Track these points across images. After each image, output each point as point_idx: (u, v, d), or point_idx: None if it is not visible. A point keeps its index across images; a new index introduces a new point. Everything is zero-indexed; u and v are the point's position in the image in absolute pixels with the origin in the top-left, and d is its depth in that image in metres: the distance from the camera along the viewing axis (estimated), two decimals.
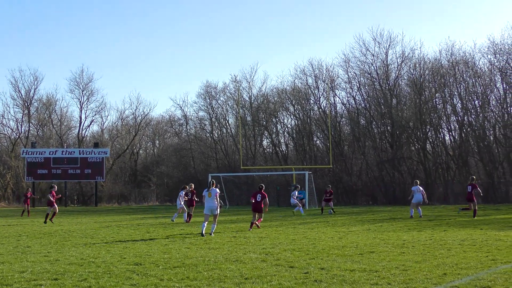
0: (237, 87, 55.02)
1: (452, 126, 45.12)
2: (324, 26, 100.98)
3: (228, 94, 57.52)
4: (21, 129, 61.75)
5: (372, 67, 47.83)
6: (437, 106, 45.13)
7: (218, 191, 15.37)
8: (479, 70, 43.16)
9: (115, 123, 68.49)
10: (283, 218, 23.73)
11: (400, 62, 47.01)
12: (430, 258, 9.57)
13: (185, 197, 21.87)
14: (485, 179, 39.64)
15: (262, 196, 16.99)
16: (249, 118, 55.70)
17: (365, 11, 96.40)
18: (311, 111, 52.02)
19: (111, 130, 67.58)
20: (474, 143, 42.92)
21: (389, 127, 46.69)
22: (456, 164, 43.34)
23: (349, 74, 49.22)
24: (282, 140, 55.61)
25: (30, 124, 61.96)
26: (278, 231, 16.23)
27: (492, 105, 43.00)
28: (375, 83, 47.62)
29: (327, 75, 50.97)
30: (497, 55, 41.98)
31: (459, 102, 43.72)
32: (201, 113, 59.89)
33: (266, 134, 56.00)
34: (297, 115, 52.91)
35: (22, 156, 52.05)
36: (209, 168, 54.82)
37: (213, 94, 58.08)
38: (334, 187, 41.31)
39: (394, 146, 45.46)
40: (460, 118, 43.70)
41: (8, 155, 57.82)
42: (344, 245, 11.88)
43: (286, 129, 55.09)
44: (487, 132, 42.75)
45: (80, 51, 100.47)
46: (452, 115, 44.54)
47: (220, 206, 15.58)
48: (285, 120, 55.11)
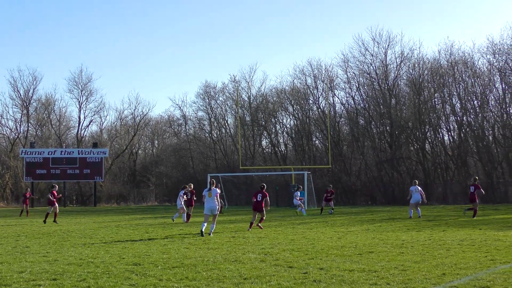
0: (236, 87, 55.06)
1: (451, 126, 45.20)
2: (324, 26, 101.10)
3: (227, 94, 57.61)
4: (20, 129, 61.80)
5: (371, 67, 47.90)
6: (436, 106, 45.14)
7: (218, 191, 15.33)
8: (478, 70, 43.20)
9: (114, 123, 68.61)
10: (282, 218, 23.73)
11: (399, 62, 47.06)
12: (429, 258, 9.57)
13: (185, 197, 21.83)
14: (484, 179, 39.64)
15: (262, 196, 16.96)
16: (248, 118, 55.68)
17: (365, 11, 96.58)
18: (310, 111, 52.03)
19: (110, 130, 67.61)
20: (473, 143, 42.93)
21: (388, 127, 46.70)
22: (455, 164, 43.37)
23: (348, 74, 49.33)
24: (281, 140, 55.64)
25: (29, 124, 61.96)
26: (277, 231, 16.23)
27: (491, 105, 43.04)
28: (374, 83, 47.64)
29: (326, 75, 51.05)
30: (496, 55, 42.07)
31: (458, 102, 43.76)
32: (200, 113, 60.01)
33: (265, 134, 56.02)
34: (296, 115, 52.92)
35: (21, 156, 51.98)
36: (208, 168, 54.81)
37: (212, 94, 58.16)
38: (333, 187, 41.29)
39: (393, 146, 45.47)
40: (459, 118, 43.71)
41: (7, 155, 57.78)
42: (343, 245, 11.88)
43: (285, 129, 55.14)
44: (486, 132, 42.77)
45: (79, 51, 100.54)
46: (451, 115, 44.58)
47: (222, 207, 15.58)
48: (284, 120, 55.20)
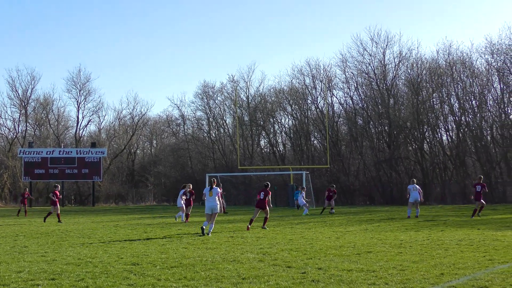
0: (235, 87, 55.03)
1: (449, 126, 45.23)
2: (322, 26, 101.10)
3: (226, 94, 57.61)
4: (18, 129, 61.78)
5: (370, 67, 47.91)
6: (435, 106, 45.18)
7: (219, 190, 15.51)
8: (476, 70, 43.24)
9: (112, 123, 68.56)
10: (280, 218, 23.73)
11: (397, 62, 47.11)
12: (428, 258, 9.57)
13: (184, 197, 21.80)
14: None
15: (265, 194, 17.14)
16: (246, 118, 55.68)
17: (364, 11, 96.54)
18: (309, 111, 52.06)
19: (108, 130, 67.56)
20: (472, 143, 42.97)
21: (386, 127, 46.73)
22: (454, 164, 43.40)
23: (347, 74, 49.34)
24: (279, 140, 55.69)
25: (27, 124, 61.92)
26: (276, 231, 16.23)
27: (489, 105, 43.09)
28: (373, 83, 47.66)
29: (324, 75, 51.07)
30: (495, 55, 42.10)
31: (457, 102, 43.81)
32: (198, 113, 60.00)
33: (263, 134, 56.03)
34: (294, 115, 52.93)
35: (19, 156, 51.92)
36: (207, 168, 54.80)
37: (211, 94, 58.16)
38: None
39: (391, 146, 45.50)
40: (457, 118, 43.75)
41: (5, 155, 57.71)
42: (341, 245, 11.88)
43: (284, 129, 55.17)
44: (485, 132, 42.81)
45: (77, 51, 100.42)
46: (449, 115, 44.61)
47: (224, 207, 15.65)
48: (283, 120, 55.22)
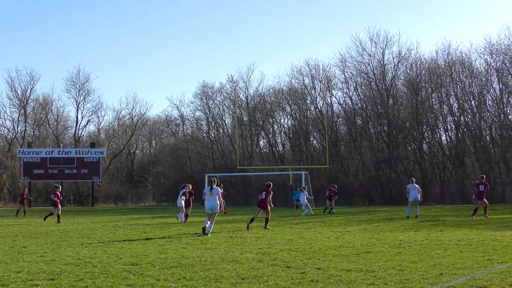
0: (234, 87, 55.06)
1: (448, 126, 45.28)
2: (322, 26, 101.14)
3: (225, 94, 57.61)
4: (18, 129, 61.75)
5: (369, 67, 47.95)
6: (434, 106, 45.22)
7: (220, 190, 15.54)
8: (475, 70, 43.30)
9: (111, 123, 68.56)
10: (279, 218, 23.73)
11: (396, 62, 47.16)
12: (427, 258, 9.58)
13: (183, 198, 21.78)
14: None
15: (266, 194, 17.18)
16: (245, 118, 55.70)
17: (364, 11, 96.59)
18: (308, 111, 52.09)
19: (107, 130, 67.51)
20: (471, 143, 43.01)
21: (385, 127, 46.76)
22: (453, 164, 43.43)
23: (346, 74, 49.39)
24: (278, 140, 55.72)
25: (27, 124, 61.94)
26: (275, 231, 16.23)
27: (488, 105, 43.14)
28: (372, 83, 47.69)
29: (323, 75, 51.12)
30: (494, 55, 42.14)
31: (456, 102, 43.86)
32: (197, 113, 60.02)
33: (262, 134, 56.05)
34: (293, 115, 52.95)
35: (19, 156, 51.89)
36: (206, 168, 54.80)
37: (210, 94, 58.17)
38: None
39: (390, 146, 45.53)
40: (456, 118, 43.80)
41: (5, 155, 57.67)
42: (340, 245, 11.88)
43: (283, 129, 55.20)
44: (484, 132, 42.86)
45: (77, 51, 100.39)
46: (448, 115, 44.65)
47: (225, 207, 15.67)
48: (282, 120, 55.26)
